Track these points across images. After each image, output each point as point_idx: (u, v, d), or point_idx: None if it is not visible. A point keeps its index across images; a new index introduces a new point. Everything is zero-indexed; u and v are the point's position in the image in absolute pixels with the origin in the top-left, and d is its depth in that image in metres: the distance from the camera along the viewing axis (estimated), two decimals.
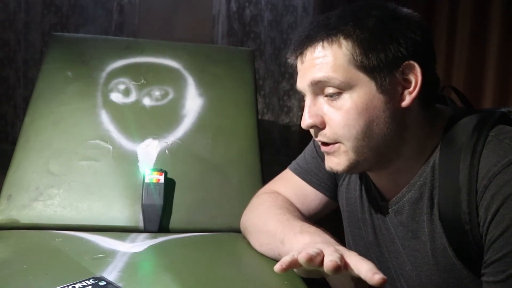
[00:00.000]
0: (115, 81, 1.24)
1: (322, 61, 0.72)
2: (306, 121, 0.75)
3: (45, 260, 0.80)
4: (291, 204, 0.94)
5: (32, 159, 1.09)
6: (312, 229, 0.77)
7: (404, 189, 0.78)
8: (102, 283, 0.69)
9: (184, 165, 1.14)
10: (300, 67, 0.77)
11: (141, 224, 1.04)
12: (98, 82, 1.23)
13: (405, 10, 0.75)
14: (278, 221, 0.84)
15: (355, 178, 0.90)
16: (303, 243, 0.74)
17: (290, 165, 1.01)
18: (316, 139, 0.77)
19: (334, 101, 0.73)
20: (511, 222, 0.64)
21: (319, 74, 0.72)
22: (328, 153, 0.77)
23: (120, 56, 1.29)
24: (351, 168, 0.76)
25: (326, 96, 0.73)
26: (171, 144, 1.16)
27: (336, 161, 0.76)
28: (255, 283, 0.78)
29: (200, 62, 1.32)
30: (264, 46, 2.07)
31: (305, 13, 2.09)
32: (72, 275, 0.72)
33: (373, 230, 0.86)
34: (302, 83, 0.76)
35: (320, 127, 0.75)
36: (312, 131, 0.77)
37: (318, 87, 0.73)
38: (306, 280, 0.76)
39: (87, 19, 1.93)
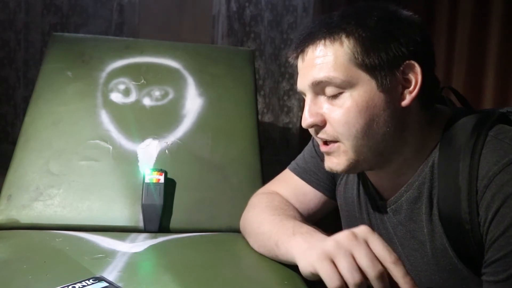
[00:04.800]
0: (115, 81, 1.24)
1: (323, 60, 0.72)
2: (306, 120, 0.75)
3: (45, 260, 0.80)
4: (287, 203, 0.94)
5: (32, 159, 1.09)
6: (304, 229, 0.77)
7: (403, 188, 0.78)
8: (102, 283, 0.69)
9: (184, 165, 1.14)
10: (300, 66, 0.77)
11: (141, 224, 1.04)
12: (98, 82, 1.23)
13: (406, 12, 0.75)
14: (271, 223, 0.84)
15: (352, 177, 0.90)
16: (298, 246, 0.73)
17: (289, 165, 1.01)
18: (317, 136, 0.77)
19: (335, 100, 0.73)
20: None
21: (321, 74, 0.72)
22: (328, 153, 0.77)
23: (120, 56, 1.29)
24: (351, 168, 0.76)
25: (327, 95, 0.74)
26: (171, 144, 1.16)
27: (335, 161, 0.76)
28: (255, 283, 0.78)
29: (200, 62, 1.32)
30: (264, 46, 2.07)
31: (305, 13, 2.09)
32: (72, 275, 0.72)
33: None
34: (303, 83, 0.76)
35: (320, 125, 0.75)
36: (312, 130, 0.77)
37: (319, 87, 0.74)
38: (306, 280, 0.76)
39: (87, 19, 1.94)
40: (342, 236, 0.65)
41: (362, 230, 0.65)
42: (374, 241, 0.64)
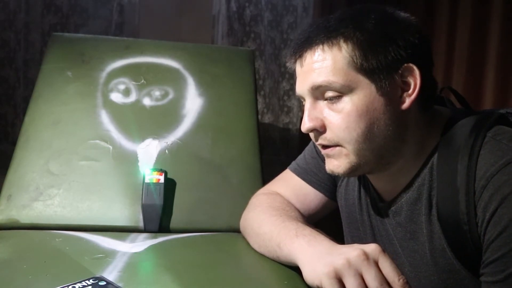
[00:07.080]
0: (115, 81, 1.24)
1: (321, 65, 0.72)
2: (306, 124, 0.75)
3: (45, 260, 0.81)
4: (289, 204, 0.94)
5: (32, 159, 1.09)
6: (307, 231, 0.77)
7: (402, 190, 0.78)
8: (102, 283, 0.69)
9: (184, 165, 1.14)
10: (299, 70, 0.77)
11: (141, 224, 1.04)
12: (98, 82, 1.23)
13: (403, 14, 0.75)
14: (273, 224, 0.84)
15: (353, 179, 0.90)
16: (302, 250, 0.73)
17: (290, 166, 1.01)
18: (317, 142, 0.77)
19: (334, 104, 0.73)
20: (509, 222, 0.64)
21: (320, 78, 0.72)
22: (329, 156, 0.77)
23: (120, 56, 1.30)
24: (352, 171, 0.75)
25: (326, 99, 0.73)
26: (171, 144, 1.16)
27: (337, 164, 0.76)
28: (255, 283, 0.78)
29: (200, 62, 1.32)
30: (264, 46, 2.07)
31: (305, 13, 2.09)
32: (72, 275, 0.72)
33: (371, 231, 0.86)
34: (302, 88, 0.76)
35: (320, 130, 0.75)
36: (312, 134, 0.77)
37: (319, 91, 0.73)
38: None
39: (87, 19, 1.93)
40: (354, 255, 0.65)
41: (373, 249, 0.66)
42: (384, 263, 0.65)
